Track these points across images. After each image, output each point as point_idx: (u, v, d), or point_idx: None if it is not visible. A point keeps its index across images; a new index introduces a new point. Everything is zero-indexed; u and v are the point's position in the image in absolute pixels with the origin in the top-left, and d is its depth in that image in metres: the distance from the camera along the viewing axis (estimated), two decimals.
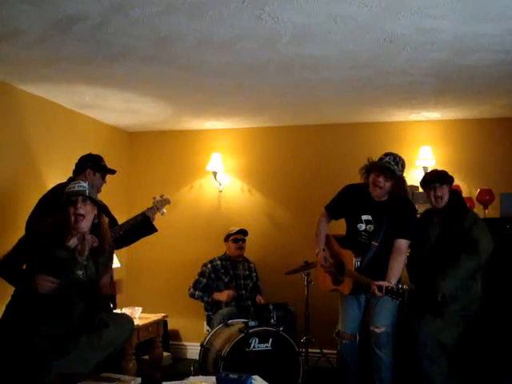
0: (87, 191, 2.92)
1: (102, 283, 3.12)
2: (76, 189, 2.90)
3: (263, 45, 3.45)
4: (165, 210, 4.02)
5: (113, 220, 3.93)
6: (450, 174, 3.90)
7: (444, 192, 3.78)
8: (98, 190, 3.85)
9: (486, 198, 4.60)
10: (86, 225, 2.90)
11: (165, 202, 4.03)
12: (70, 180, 3.77)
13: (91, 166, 3.83)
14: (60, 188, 3.68)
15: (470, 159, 5.20)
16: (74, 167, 3.91)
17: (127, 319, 3.23)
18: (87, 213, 2.89)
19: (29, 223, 3.55)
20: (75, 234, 2.93)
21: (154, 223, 3.98)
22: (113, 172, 3.98)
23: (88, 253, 2.98)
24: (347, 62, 3.76)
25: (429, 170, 5.14)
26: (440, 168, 4.32)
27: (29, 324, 2.87)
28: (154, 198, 4.01)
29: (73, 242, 2.93)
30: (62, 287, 2.87)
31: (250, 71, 3.98)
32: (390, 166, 3.67)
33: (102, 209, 3.06)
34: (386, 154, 3.74)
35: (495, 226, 4.13)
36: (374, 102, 4.87)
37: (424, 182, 3.89)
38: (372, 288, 3.51)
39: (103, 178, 3.88)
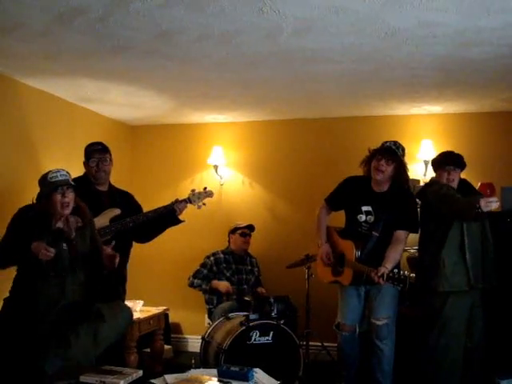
0: (70, 179, 3.14)
1: (105, 255, 3.23)
2: (60, 178, 3.09)
3: (264, 38, 3.44)
4: (201, 204, 3.91)
5: (138, 208, 3.92)
6: None
7: (456, 176, 3.79)
8: (95, 177, 3.76)
9: (487, 191, 4.59)
10: (69, 210, 3.13)
11: (206, 195, 3.94)
12: (85, 175, 3.81)
13: (84, 155, 3.80)
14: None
15: (471, 153, 5.15)
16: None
17: (124, 309, 3.25)
18: (71, 200, 3.12)
19: None
20: (59, 218, 3.13)
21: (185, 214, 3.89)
22: (97, 148, 3.76)
23: (74, 232, 3.18)
24: (348, 55, 3.75)
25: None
26: None
27: (28, 311, 2.99)
28: (193, 191, 3.93)
29: (59, 225, 3.14)
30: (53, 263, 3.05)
31: (251, 64, 3.97)
32: (395, 151, 3.75)
33: (78, 194, 3.24)
34: (389, 140, 3.83)
35: (496, 220, 4.14)
36: (375, 96, 4.87)
37: (439, 162, 3.87)
38: (373, 277, 3.52)
39: (88, 162, 3.74)
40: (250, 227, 5.19)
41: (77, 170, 3.86)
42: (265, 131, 5.82)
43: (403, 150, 3.83)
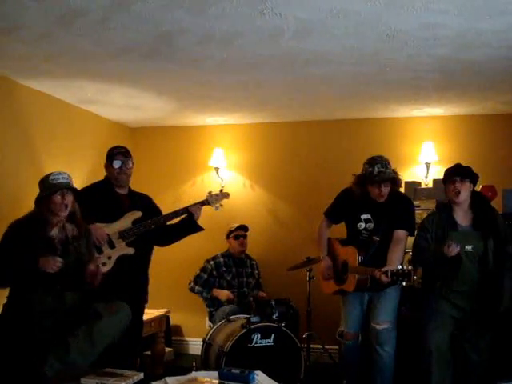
0: (71, 182, 3.14)
1: (87, 271, 3.15)
2: (61, 180, 3.10)
3: (266, 40, 3.44)
4: (219, 205, 3.87)
5: (158, 210, 3.88)
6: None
7: (463, 188, 3.63)
8: (117, 179, 3.73)
9: (488, 194, 4.58)
10: (66, 213, 3.13)
11: (223, 196, 3.91)
12: (107, 178, 3.77)
13: (107, 158, 3.77)
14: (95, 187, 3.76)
15: (472, 155, 5.16)
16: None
17: (122, 307, 3.22)
18: (69, 202, 3.12)
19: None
20: (56, 223, 3.10)
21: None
22: (120, 151, 3.76)
23: (69, 241, 3.15)
24: (350, 57, 3.75)
25: (427, 165, 5.20)
26: (443, 163, 4.29)
27: (26, 316, 2.97)
28: (210, 193, 3.89)
29: (54, 232, 3.11)
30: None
31: (252, 67, 3.97)
32: (390, 175, 3.71)
33: (76, 198, 3.22)
34: (372, 162, 3.72)
35: None
36: (376, 98, 4.86)
37: (446, 175, 3.72)
38: (377, 275, 3.51)
39: (112, 163, 3.70)
40: (243, 227, 5.14)
41: (77, 171, 3.89)
42: (266, 133, 5.82)
43: (389, 162, 3.77)
